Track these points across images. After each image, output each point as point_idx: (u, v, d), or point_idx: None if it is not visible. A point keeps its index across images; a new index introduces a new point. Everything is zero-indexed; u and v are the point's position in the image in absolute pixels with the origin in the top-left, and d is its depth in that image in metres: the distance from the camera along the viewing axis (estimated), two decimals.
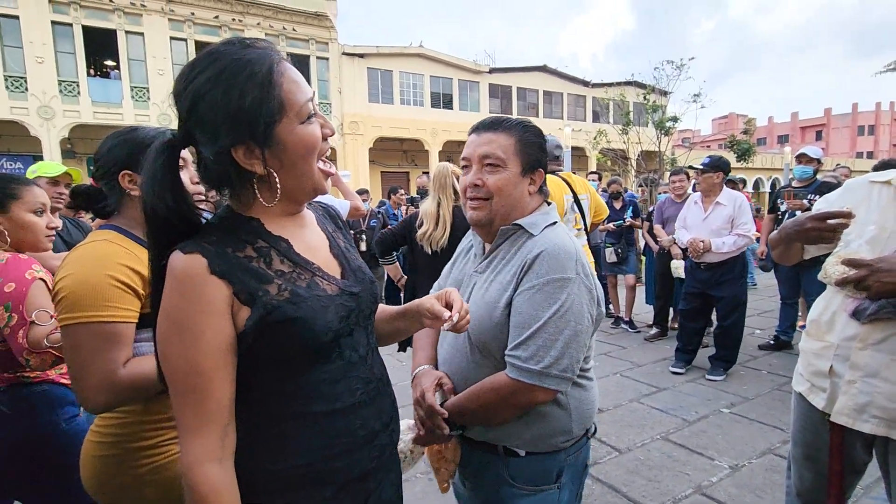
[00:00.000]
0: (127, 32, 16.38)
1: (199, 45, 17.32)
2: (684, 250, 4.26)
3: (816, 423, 1.44)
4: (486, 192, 1.16)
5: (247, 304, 0.75)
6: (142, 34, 16.55)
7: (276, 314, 0.76)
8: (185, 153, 0.88)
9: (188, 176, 1.17)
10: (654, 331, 5.25)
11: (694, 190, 4.66)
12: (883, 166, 4.71)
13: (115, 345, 1.06)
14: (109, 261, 1.10)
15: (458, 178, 2.45)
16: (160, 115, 16.72)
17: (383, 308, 1.10)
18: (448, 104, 22.78)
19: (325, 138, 0.83)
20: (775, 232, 1.52)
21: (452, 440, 1.21)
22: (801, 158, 4.46)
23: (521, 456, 1.15)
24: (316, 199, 0.96)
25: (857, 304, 1.28)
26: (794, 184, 4.55)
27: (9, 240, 1.53)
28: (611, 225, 5.59)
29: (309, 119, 0.79)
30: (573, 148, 17.97)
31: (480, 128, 1.22)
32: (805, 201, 4.26)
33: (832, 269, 1.27)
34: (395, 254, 3.49)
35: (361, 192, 6.60)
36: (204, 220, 0.84)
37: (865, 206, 1.35)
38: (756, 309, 6.32)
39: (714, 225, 3.96)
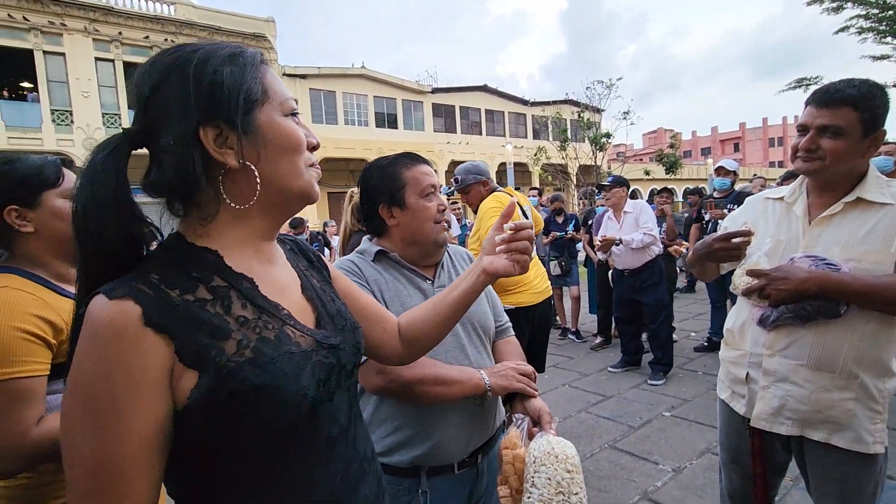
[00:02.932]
0: (45, 52, 15.36)
1: (129, 66, 16.53)
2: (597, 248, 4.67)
3: (739, 427, 1.52)
4: None
5: (194, 366, 0.57)
6: (63, 54, 15.58)
7: (233, 381, 0.58)
8: None
9: None
10: (598, 339, 5.44)
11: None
12: (788, 176, 5.21)
13: (24, 403, 0.97)
14: (14, 310, 1.00)
15: (357, 202, 2.48)
16: (85, 139, 15.74)
17: (433, 301, 0.99)
18: (393, 124, 22.94)
19: (309, 147, 0.70)
20: (690, 254, 1.63)
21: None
22: (720, 171, 4.83)
23: None
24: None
25: (762, 312, 1.39)
26: (714, 195, 4.92)
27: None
28: (554, 233, 5.92)
29: (293, 115, 0.69)
30: (516, 164, 18.52)
31: (425, 162, 1.32)
32: (725, 210, 4.61)
33: (738, 280, 1.38)
34: None
35: (295, 224, 6.36)
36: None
37: (763, 221, 1.49)
38: (690, 312, 6.70)
39: (628, 231, 4.37)
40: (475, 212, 3.07)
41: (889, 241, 1.25)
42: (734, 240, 1.38)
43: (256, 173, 0.64)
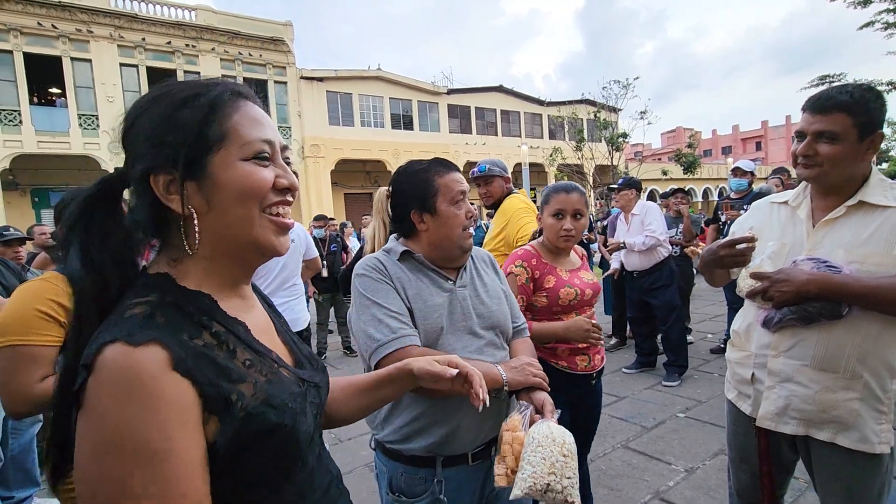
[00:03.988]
0: (73, 59, 15.88)
1: (152, 71, 16.97)
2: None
3: (746, 427, 1.55)
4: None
5: (215, 412, 0.56)
6: (89, 60, 16.08)
7: (255, 423, 0.59)
8: None
9: None
10: (613, 340, 5.44)
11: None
12: (776, 172, 5.15)
13: (33, 363, 1.32)
14: (37, 295, 1.38)
15: None
16: (110, 142, 16.20)
17: (351, 381, 0.94)
18: (409, 125, 23.07)
19: (278, 187, 0.66)
20: (700, 261, 1.66)
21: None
22: (736, 172, 4.79)
23: None
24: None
25: (766, 314, 1.41)
26: (731, 196, 4.87)
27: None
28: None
29: (258, 159, 0.65)
30: (531, 165, 18.48)
31: (457, 170, 1.38)
32: (742, 212, 4.56)
33: (743, 282, 1.40)
34: None
35: (319, 218, 6.47)
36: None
37: (768, 225, 1.51)
38: (707, 314, 6.64)
39: (636, 233, 4.39)
40: (487, 205, 3.10)
41: (891, 243, 1.27)
42: (738, 246, 1.40)
43: (196, 222, 0.62)
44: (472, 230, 1.33)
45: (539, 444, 1.06)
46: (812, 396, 1.35)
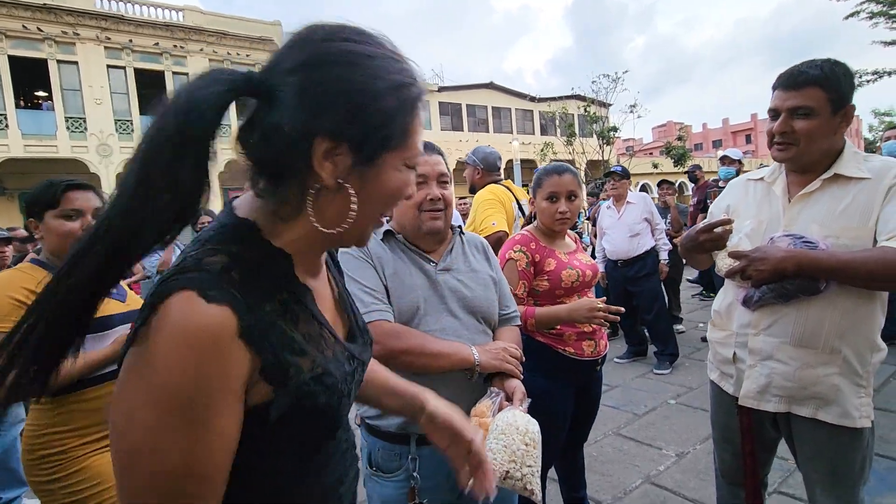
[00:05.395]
0: (59, 62, 15.70)
1: (139, 73, 16.82)
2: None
3: (728, 407, 1.56)
4: (443, 203, 1.33)
5: (272, 382, 0.56)
6: (76, 63, 15.91)
7: (307, 400, 0.59)
8: None
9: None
10: (605, 330, 5.46)
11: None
12: (722, 159, 5.25)
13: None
14: (11, 284, 1.42)
15: None
16: (99, 145, 16.06)
17: (379, 372, 0.92)
18: None
19: (415, 199, 0.74)
20: (681, 247, 1.67)
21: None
22: (724, 160, 4.85)
23: None
24: None
25: (746, 293, 1.43)
26: (720, 184, 4.92)
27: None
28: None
29: (412, 168, 0.66)
30: (523, 161, 18.51)
31: (429, 150, 1.36)
32: None
33: (721, 262, 1.42)
34: None
35: None
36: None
37: (745, 202, 1.52)
38: (698, 303, 6.69)
39: (629, 221, 4.41)
40: (471, 189, 3.27)
41: (867, 215, 1.27)
42: (716, 229, 1.41)
43: (353, 200, 0.60)
44: (437, 213, 1.32)
45: (502, 432, 1.07)
46: (792, 373, 1.36)
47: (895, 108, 26.55)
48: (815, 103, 1.29)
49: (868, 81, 14.17)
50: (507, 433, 1.07)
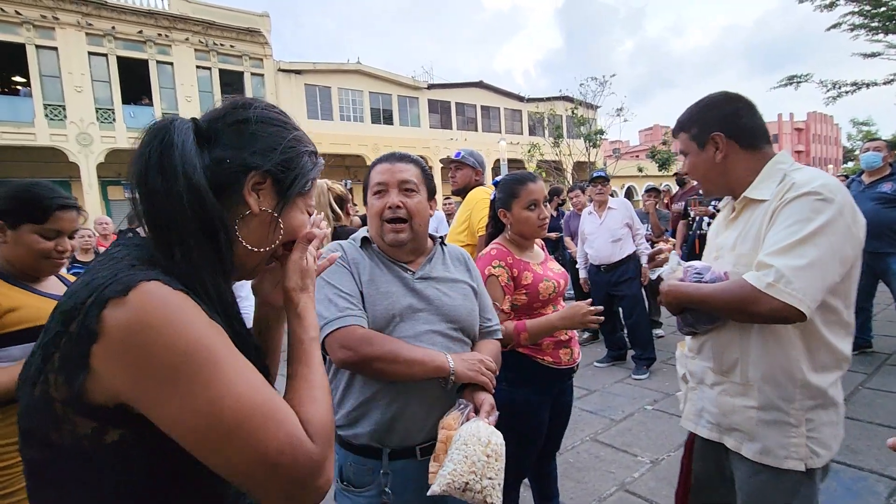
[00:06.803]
0: (38, 47, 15.27)
1: (122, 61, 16.45)
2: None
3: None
4: (406, 213, 1.31)
5: None
6: (55, 48, 15.49)
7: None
8: None
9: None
10: (586, 335, 5.51)
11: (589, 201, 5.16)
12: (679, 180, 5.39)
13: None
14: None
15: (336, 196, 2.47)
16: (79, 134, 15.68)
17: None
18: (388, 119, 22.92)
19: (306, 237, 0.80)
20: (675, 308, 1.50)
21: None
22: None
23: None
24: None
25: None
26: (699, 192, 4.97)
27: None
28: (553, 234, 6.08)
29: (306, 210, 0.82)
30: (511, 160, 18.55)
31: (392, 158, 1.37)
32: (710, 208, 4.66)
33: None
34: None
35: None
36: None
37: (715, 231, 1.50)
38: None
39: (612, 226, 4.45)
40: (453, 190, 3.20)
41: (758, 240, 1.21)
42: (657, 257, 1.52)
43: (280, 222, 0.75)
44: (399, 225, 1.30)
45: (464, 443, 1.05)
46: (715, 399, 1.33)
47: (873, 117, 27.20)
48: (683, 146, 1.42)
49: (847, 92, 14.50)
50: (469, 444, 1.05)
